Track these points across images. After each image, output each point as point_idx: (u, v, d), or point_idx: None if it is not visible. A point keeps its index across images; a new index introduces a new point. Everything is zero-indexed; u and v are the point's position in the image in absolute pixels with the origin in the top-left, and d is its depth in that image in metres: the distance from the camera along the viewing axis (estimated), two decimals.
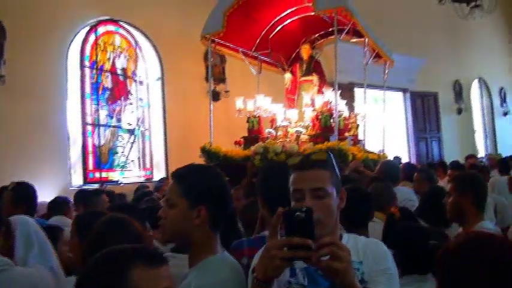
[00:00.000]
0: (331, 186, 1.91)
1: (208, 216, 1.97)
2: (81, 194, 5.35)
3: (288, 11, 7.88)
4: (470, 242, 1.68)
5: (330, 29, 7.49)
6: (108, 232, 2.16)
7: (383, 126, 8.39)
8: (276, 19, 8.00)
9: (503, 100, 19.02)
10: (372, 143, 9.06)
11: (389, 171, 4.84)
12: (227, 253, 2.12)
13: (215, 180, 2.07)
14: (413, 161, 14.29)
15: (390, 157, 9.62)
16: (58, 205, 4.75)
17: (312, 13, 6.78)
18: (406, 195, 4.73)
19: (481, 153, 17.63)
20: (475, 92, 18.18)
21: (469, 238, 1.74)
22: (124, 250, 1.36)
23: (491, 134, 18.61)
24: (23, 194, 3.93)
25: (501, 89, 18.95)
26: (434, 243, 2.94)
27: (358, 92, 11.60)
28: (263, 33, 8.10)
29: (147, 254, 1.35)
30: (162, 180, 7.95)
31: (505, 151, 16.09)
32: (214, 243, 2.03)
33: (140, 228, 2.31)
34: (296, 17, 8.02)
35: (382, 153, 7.87)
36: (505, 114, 18.99)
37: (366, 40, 7.35)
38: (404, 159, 13.75)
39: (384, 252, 1.98)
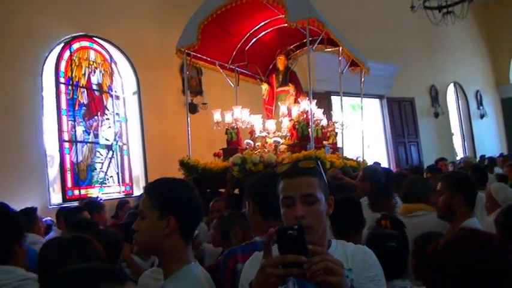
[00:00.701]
0: (320, 192, 1.98)
1: (178, 226, 2.03)
2: (62, 211, 5.36)
3: (262, 23, 7.92)
4: (458, 238, 1.71)
5: (305, 40, 7.53)
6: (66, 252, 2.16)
7: (362, 133, 8.43)
8: (251, 31, 8.04)
9: (480, 103, 19.32)
10: (351, 151, 9.13)
11: (373, 175, 4.79)
12: (198, 263, 2.18)
13: (184, 191, 2.14)
14: (393, 165, 14.44)
15: (369, 163, 9.72)
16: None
17: (286, 24, 6.80)
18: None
19: (460, 156, 17.86)
20: (451, 96, 18.47)
21: (457, 235, 1.77)
22: (90, 268, 1.36)
23: (469, 136, 18.87)
24: None
25: (477, 92, 19.26)
26: (391, 245, 2.99)
27: (335, 100, 11.69)
28: (239, 45, 8.13)
29: (112, 272, 1.36)
30: (142, 195, 7.88)
31: (483, 153, 16.37)
32: (186, 252, 2.09)
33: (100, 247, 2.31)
34: (271, 29, 8.07)
35: (361, 160, 7.93)
36: (482, 116, 19.29)
37: (340, 49, 7.42)
38: (384, 165, 13.90)
39: (372, 259, 2.06)
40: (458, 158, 17.03)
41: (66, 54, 8.64)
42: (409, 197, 4.18)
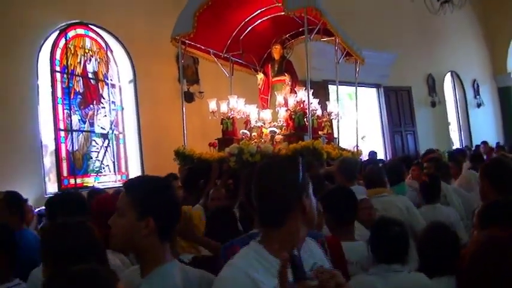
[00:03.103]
0: None
1: (156, 227, 2.01)
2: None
3: (258, 11, 7.85)
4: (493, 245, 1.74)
5: (301, 29, 7.49)
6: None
7: (356, 124, 8.42)
8: (246, 19, 7.98)
9: (476, 92, 19.31)
10: (348, 139, 9.14)
11: (345, 168, 4.99)
12: (177, 261, 2.18)
13: (163, 192, 2.11)
14: (389, 154, 14.47)
15: (365, 152, 9.75)
16: None
17: (282, 13, 6.75)
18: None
19: (456, 145, 17.90)
20: (448, 85, 18.46)
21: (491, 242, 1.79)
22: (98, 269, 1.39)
23: (466, 126, 18.89)
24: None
25: (474, 81, 19.24)
26: (395, 229, 3.04)
27: (332, 88, 11.66)
28: (234, 34, 8.07)
29: (112, 272, 1.38)
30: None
31: (479, 142, 16.38)
32: (163, 252, 2.07)
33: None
34: (266, 17, 8.00)
35: (356, 150, 7.92)
36: (479, 106, 19.29)
37: (337, 39, 7.38)
38: (381, 154, 13.93)
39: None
40: (454, 147, 17.08)
41: (62, 42, 8.58)
42: (372, 183, 4.91)
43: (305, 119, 6.70)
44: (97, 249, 2.28)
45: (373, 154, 11.88)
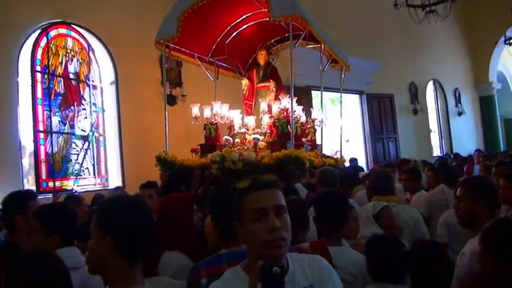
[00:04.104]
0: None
1: (115, 246, 1.93)
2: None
3: (244, 16, 7.82)
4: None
5: (286, 35, 7.47)
6: None
7: (340, 130, 8.41)
8: (232, 24, 7.93)
9: (458, 101, 19.53)
10: (330, 144, 9.12)
11: (325, 179, 5.06)
12: (148, 285, 2.07)
13: (126, 210, 2.02)
14: (371, 161, 14.52)
15: (347, 159, 9.73)
16: None
17: (268, 19, 6.71)
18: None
19: (436, 152, 18.05)
20: (430, 93, 18.61)
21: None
22: None
23: (447, 133, 19.05)
24: None
25: (455, 89, 19.45)
26: (407, 250, 2.97)
27: (315, 94, 11.66)
28: (219, 38, 8.02)
29: None
30: (117, 188, 7.78)
31: (460, 150, 16.62)
32: (130, 275, 1.97)
33: None
34: (252, 23, 7.97)
35: (339, 158, 7.91)
36: (460, 114, 19.49)
37: (322, 46, 7.36)
38: (362, 160, 13.96)
39: (329, 270, 2.06)
40: (434, 154, 17.20)
41: (43, 41, 8.43)
42: (379, 190, 4.62)
43: (288, 127, 6.66)
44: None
45: (353, 160, 11.89)
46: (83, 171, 8.91)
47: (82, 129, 8.97)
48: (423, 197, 6.00)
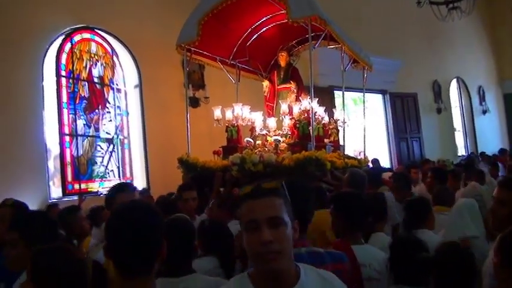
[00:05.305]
0: (286, 214, 1.88)
1: None
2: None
3: (264, 18, 7.84)
4: None
5: (307, 35, 7.45)
6: None
7: (364, 131, 8.35)
8: (252, 27, 7.96)
9: (482, 98, 19.24)
10: (353, 145, 9.09)
11: (355, 181, 4.97)
12: None
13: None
14: (395, 161, 14.41)
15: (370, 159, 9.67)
16: None
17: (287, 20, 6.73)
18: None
19: (461, 151, 17.84)
20: (453, 91, 18.39)
21: None
22: None
23: (471, 132, 18.80)
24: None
25: (479, 87, 19.17)
26: (427, 255, 2.95)
27: (338, 94, 11.62)
28: (240, 41, 8.05)
29: None
30: (143, 191, 7.87)
31: (485, 149, 16.43)
32: None
33: None
34: (272, 24, 7.98)
35: (362, 158, 7.85)
36: (484, 112, 19.21)
37: (343, 47, 7.34)
38: (386, 160, 13.89)
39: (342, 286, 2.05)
40: (459, 154, 17.02)
41: (67, 46, 8.60)
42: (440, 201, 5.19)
43: (309, 128, 6.66)
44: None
45: (375, 161, 11.82)
46: (108, 173, 9.05)
47: (107, 132, 9.11)
48: (460, 193, 6.45)
